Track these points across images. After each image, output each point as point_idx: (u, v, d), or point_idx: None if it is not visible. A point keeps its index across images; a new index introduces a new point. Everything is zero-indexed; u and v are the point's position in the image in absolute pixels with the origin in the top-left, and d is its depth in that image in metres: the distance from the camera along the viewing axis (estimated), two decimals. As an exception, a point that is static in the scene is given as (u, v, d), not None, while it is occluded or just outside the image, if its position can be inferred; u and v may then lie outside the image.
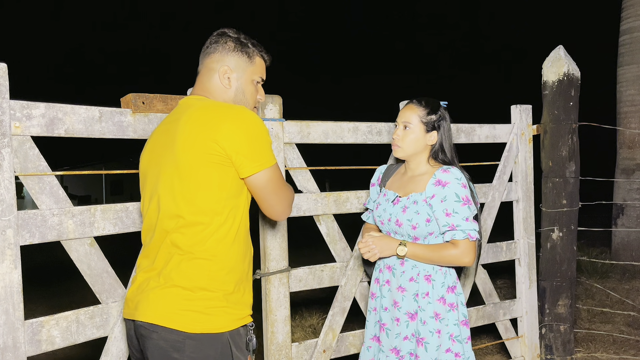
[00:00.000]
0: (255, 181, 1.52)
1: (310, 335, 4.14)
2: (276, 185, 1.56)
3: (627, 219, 6.09)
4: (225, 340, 1.46)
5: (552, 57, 3.00)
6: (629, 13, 6.15)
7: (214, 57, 1.61)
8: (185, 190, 1.47)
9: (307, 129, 2.32)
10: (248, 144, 1.46)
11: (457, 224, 1.90)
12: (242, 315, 1.52)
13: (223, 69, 1.60)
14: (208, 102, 1.56)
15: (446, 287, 1.98)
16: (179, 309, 1.44)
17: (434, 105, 2.04)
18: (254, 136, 1.48)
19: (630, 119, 6.12)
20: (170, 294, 1.45)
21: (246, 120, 1.48)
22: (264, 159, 1.50)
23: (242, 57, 1.62)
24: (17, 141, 1.69)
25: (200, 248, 1.47)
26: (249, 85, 1.65)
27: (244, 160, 1.47)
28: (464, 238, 1.90)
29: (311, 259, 2.98)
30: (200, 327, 1.43)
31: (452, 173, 1.94)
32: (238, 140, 1.45)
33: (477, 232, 1.93)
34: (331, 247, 2.43)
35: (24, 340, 1.67)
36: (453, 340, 1.96)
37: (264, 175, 1.51)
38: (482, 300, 2.87)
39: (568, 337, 3.04)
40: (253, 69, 1.65)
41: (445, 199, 1.92)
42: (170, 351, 1.43)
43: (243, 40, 1.63)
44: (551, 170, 3.00)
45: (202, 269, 1.46)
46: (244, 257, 1.56)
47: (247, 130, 1.47)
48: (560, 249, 2.99)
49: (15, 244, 1.65)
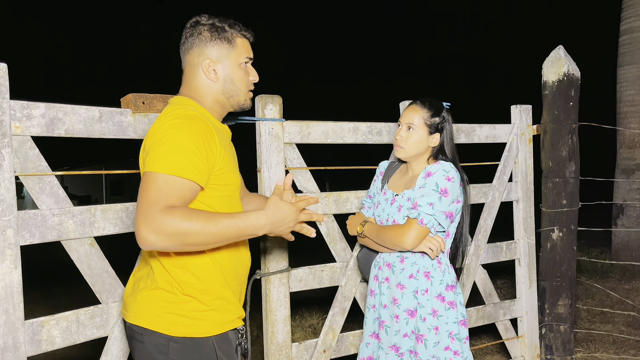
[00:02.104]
0: (141, 181, 1.35)
1: (310, 335, 4.14)
2: (150, 195, 1.29)
3: (627, 219, 6.09)
4: (210, 345, 1.44)
5: (552, 57, 3.00)
6: (629, 13, 6.15)
7: (193, 52, 1.52)
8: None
9: (307, 129, 2.32)
10: (155, 146, 1.36)
11: (420, 205, 1.91)
12: (230, 319, 1.49)
13: (205, 63, 1.51)
14: (170, 108, 1.49)
15: (445, 284, 1.98)
16: (163, 312, 1.42)
17: (438, 107, 2.04)
18: (166, 142, 1.35)
19: (630, 119, 6.12)
20: (155, 296, 1.44)
21: (168, 125, 1.38)
22: (161, 163, 1.32)
23: (222, 44, 1.51)
24: (17, 141, 1.69)
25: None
26: (237, 70, 1.54)
27: (147, 157, 1.36)
28: (415, 218, 1.90)
29: (311, 259, 2.98)
30: (183, 330, 1.42)
31: (441, 165, 1.95)
32: (151, 144, 1.37)
33: (437, 222, 1.90)
34: (331, 247, 2.43)
35: (24, 340, 1.67)
36: (452, 338, 1.96)
37: (147, 176, 1.33)
38: (482, 300, 2.87)
39: (568, 337, 3.03)
40: (237, 53, 1.54)
41: (425, 186, 1.93)
42: (155, 353, 1.42)
43: (218, 24, 1.52)
44: (551, 170, 3.00)
45: (184, 271, 1.44)
46: (229, 257, 1.51)
47: (163, 135, 1.36)
48: (560, 249, 2.99)
49: (15, 244, 1.65)
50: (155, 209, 1.27)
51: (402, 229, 1.92)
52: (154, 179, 1.31)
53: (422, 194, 1.92)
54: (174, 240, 1.28)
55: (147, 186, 1.31)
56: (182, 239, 1.29)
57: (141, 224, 1.26)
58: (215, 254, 1.47)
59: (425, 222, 1.89)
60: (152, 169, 1.32)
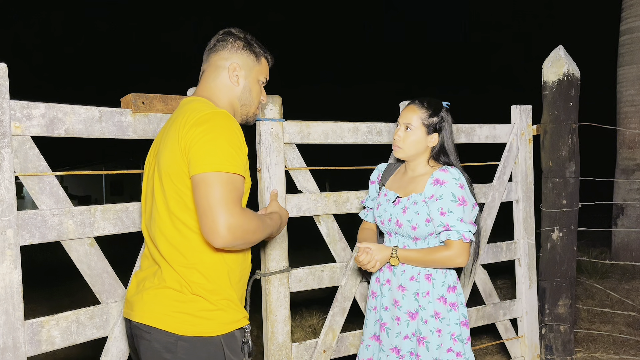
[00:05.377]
0: (198, 182, 1.36)
1: (310, 335, 4.14)
2: (223, 195, 1.34)
3: (627, 219, 6.09)
4: (218, 343, 1.45)
5: (552, 57, 3.00)
6: (629, 13, 6.15)
7: (222, 54, 1.60)
8: (168, 196, 1.46)
9: (307, 129, 2.32)
10: (204, 143, 1.37)
11: (452, 224, 1.90)
12: (237, 318, 1.51)
13: (233, 65, 1.59)
14: (196, 105, 1.50)
15: (447, 286, 1.98)
16: (172, 311, 1.43)
17: (436, 106, 2.02)
18: (214, 137, 1.38)
19: (630, 119, 6.12)
20: (162, 295, 1.45)
21: (212, 122, 1.40)
22: (218, 162, 1.36)
23: (250, 56, 1.62)
24: (17, 141, 1.69)
25: (191, 251, 1.45)
26: (255, 84, 1.65)
27: (193, 159, 1.37)
28: (458, 239, 1.90)
29: (311, 259, 2.98)
30: (191, 329, 1.43)
31: (450, 173, 1.94)
32: (195, 139, 1.38)
33: (472, 233, 1.93)
34: (331, 247, 2.43)
35: (24, 340, 1.67)
36: (454, 340, 1.96)
37: (209, 177, 1.35)
38: (482, 300, 2.87)
39: (568, 337, 3.03)
40: (259, 69, 1.65)
41: (441, 198, 1.92)
42: (163, 352, 1.43)
43: (249, 39, 1.64)
44: (551, 170, 3.00)
45: (193, 272, 1.45)
46: (237, 260, 1.53)
47: (208, 130, 1.39)
48: (560, 249, 2.99)
49: (15, 244, 1.65)
50: (234, 208, 1.35)
51: (451, 252, 1.91)
52: (218, 178, 1.35)
53: (439, 207, 1.91)
54: (244, 238, 1.39)
55: (215, 185, 1.35)
56: (249, 236, 1.42)
57: (220, 222, 1.33)
58: (226, 255, 1.49)
59: (467, 237, 1.91)
60: (212, 169, 1.35)
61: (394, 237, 2.05)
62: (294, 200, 2.29)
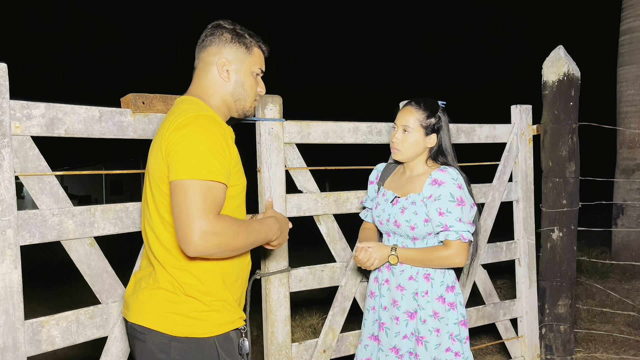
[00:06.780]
0: (174, 188, 1.34)
1: (310, 335, 4.14)
2: (196, 202, 1.31)
3: (627, 219, 6.09)
4: (212, 345, 1.45)
5: (552, 57, 3.00)
6: (629, 13, 6.16)
7: (211, 49, 1.56)
8: (157, 199, 1.46)
9: (307, 129, 2.32)
10: (181, 148, 1.35)
11: (451, 225, 1.90)
12: (232, 319, 1.50)
13: (221, 61, 1.55)
14: (184, 106, 1.48)
15: (445, 286, 1.98)
16: (165, 312, 1.43)
17: (434, 107, 2.02)
18: (192, 142, 1.35)
19: (630, 119, 6.12)
20: (156, 296, 1.45)
21: (192, 126, 1.38)
22: (194, 169, 1.33)
23: (240, 48, 1.56)
24: (17, 141, 1.69)
25: (182, 253, 1.44)
26: (248, 77, 1.60)
27: (171, 164, 1.36)
28: (457, 239, 1.90)
29: (311, 259, 2.98)
30: (185, 330, 1.42)
31: (448, 173, 1.94)
32: (173, 143, 1.37)
33: (470, 233, 1.93)
34: (331, 247, 2.43)
35: (24, 340, 1.67)
36: (453, 340, 1.96)
37: (184, 184, 1.32)
38: (482, 300, 2.87)
39: (568, 337, 3.03)
40: (252, 60, 1.59)
41: (440, 198, 1.92)
42: (157, 352, 1.43)
43: (239, 31, 1.58)
44: (551, 170, 3.00)
45: (185, 273, 1.45)
46: (232, 262, 1.52)
47: (187, 135, 1.36)
48: (560, 249, 2.99)
49: (15, 244, 1.65)
50: (208, 216, 1.31)
51: (450, 252, 1.91)
52: (194, 185, 1.32)
53: (438, 207, 1.91)
54: (220, 246, 1.34)
55: (190, 193, 1.31)
56: (227, 244, 1.36)
57: (193, 230, 1.29)
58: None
59: (466, 237, 1.91)
60: (189, 176, 1.32)
61: (393, 237, 2.05)
62: (294, 200, 2.29)
